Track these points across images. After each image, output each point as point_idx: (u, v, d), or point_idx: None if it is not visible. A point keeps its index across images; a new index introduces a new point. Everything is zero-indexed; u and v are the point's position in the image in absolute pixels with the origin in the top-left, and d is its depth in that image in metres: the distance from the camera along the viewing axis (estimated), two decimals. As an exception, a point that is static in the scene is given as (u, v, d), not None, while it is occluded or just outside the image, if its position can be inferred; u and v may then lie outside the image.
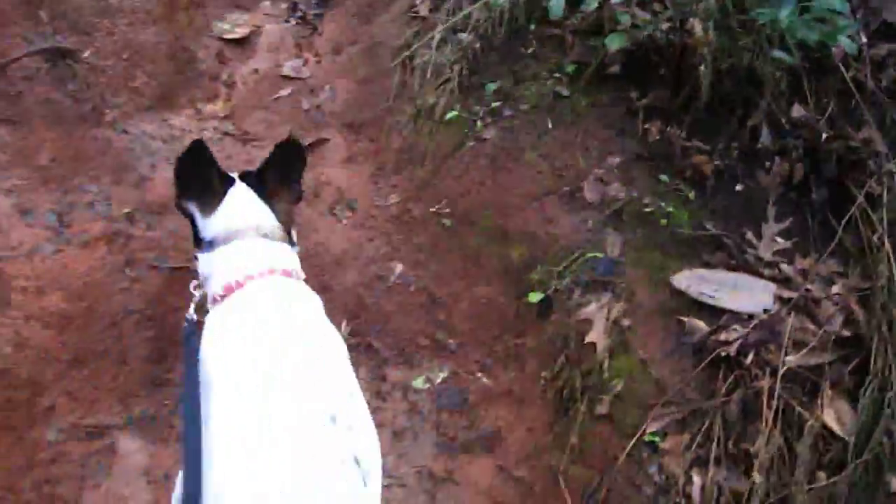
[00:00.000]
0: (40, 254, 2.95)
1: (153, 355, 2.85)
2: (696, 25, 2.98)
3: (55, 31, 3.63)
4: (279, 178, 2.05)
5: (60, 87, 3.52)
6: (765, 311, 2.65)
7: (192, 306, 1.90)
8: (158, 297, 2.97)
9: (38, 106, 3.42)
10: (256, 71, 4.05)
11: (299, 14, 4.32)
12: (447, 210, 3.30)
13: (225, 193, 1.97)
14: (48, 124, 3.39)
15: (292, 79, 4.01)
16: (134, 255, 3.05)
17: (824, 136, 2.95)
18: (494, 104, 3.45)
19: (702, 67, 2.90)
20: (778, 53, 2.90)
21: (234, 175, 2.06)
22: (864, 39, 3.12)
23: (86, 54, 3.65)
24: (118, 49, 3.75)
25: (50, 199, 3.15)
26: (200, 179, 1.94)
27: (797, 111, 3.04)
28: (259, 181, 2.03)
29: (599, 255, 2.88)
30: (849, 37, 2.84)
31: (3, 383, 2.63)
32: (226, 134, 3.68)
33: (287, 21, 4.30)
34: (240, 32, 4.18)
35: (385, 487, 2.04)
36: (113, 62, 3.70)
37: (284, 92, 3.95)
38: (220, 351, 1.71)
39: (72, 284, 2.91)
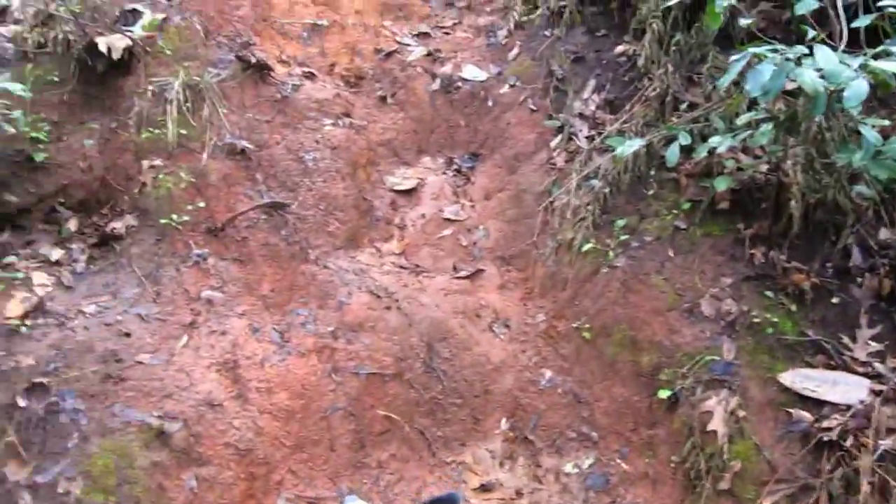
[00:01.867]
0: (269, 362, 3.52)
1: (354, 444, 3.42)
2: (789, 167, 3.38)
3: (268, 188, 4.17)
4: None
5: (275, 233, 4.03)
6: (860, 402, 2.93)
7: None
8: (358, 397, 3.52)
9: (259, 248, 3.96)
10: (423, 216, 4.43)
11: (455, 167, 4.70)
12: (587, 325, 3.68)
13: None
14: (267, 262, 3.95)
15: (452, 221, 4.39)
16: (338, 364, 3.58)
17: (908, 254, 3.22)
18: (623, 237, 3.76)
19: (792, 202, 3.28)
20: (859, 188, 3.25)
21: None
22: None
23: (293, 206, 4.14)
24: (316, 201, 4.23)
25: (272, 320, 3.71)
26: None
27: (884, 234, 3.33)
28: None
29: (717, 358, 3.24)
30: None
31: (247, 461, 3.22)
32: (401, 267, 4.13)
33: (445, 173, 4.68)
34: (407, 185, 4.60)
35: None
36: (313, 212, 4.18)
37: (447, 232, 4.34)
38: None
39: (293, 386, 3.48)
